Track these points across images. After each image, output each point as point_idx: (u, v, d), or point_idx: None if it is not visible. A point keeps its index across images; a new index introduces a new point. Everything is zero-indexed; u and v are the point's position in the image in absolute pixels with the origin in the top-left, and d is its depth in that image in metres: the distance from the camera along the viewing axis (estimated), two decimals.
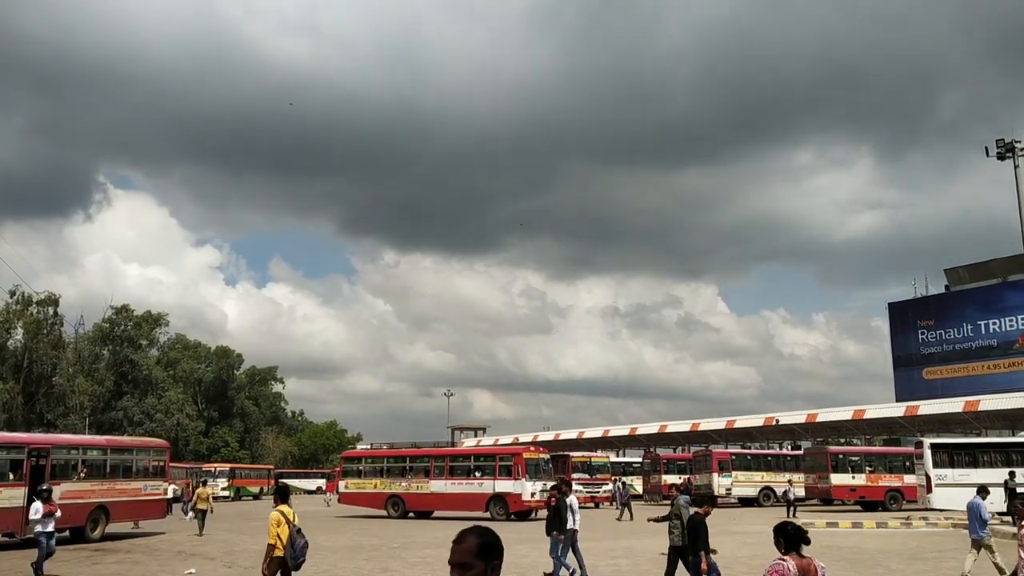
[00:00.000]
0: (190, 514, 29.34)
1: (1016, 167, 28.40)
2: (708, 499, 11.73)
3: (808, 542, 5.43)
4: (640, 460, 55.90)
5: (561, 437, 68.65)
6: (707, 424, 58.48)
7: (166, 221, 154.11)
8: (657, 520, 9.10)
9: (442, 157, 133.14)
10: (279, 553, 9.53)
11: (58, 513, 16.21)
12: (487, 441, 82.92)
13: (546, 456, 34.31)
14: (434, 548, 20.46)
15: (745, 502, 43.74)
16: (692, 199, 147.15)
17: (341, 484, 36.79)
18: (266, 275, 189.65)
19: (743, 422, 56.22)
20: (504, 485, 30.42)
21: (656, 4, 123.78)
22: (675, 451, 61.17)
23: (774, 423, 53.35)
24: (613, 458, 61.84)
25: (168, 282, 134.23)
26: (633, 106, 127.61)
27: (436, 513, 32.89)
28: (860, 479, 38.69)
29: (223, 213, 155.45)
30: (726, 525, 28.98)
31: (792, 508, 34.08)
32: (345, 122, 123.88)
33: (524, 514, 31.01)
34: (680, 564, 11.82)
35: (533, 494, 30.20)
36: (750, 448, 52.83)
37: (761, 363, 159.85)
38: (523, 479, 30.47)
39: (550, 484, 31.09)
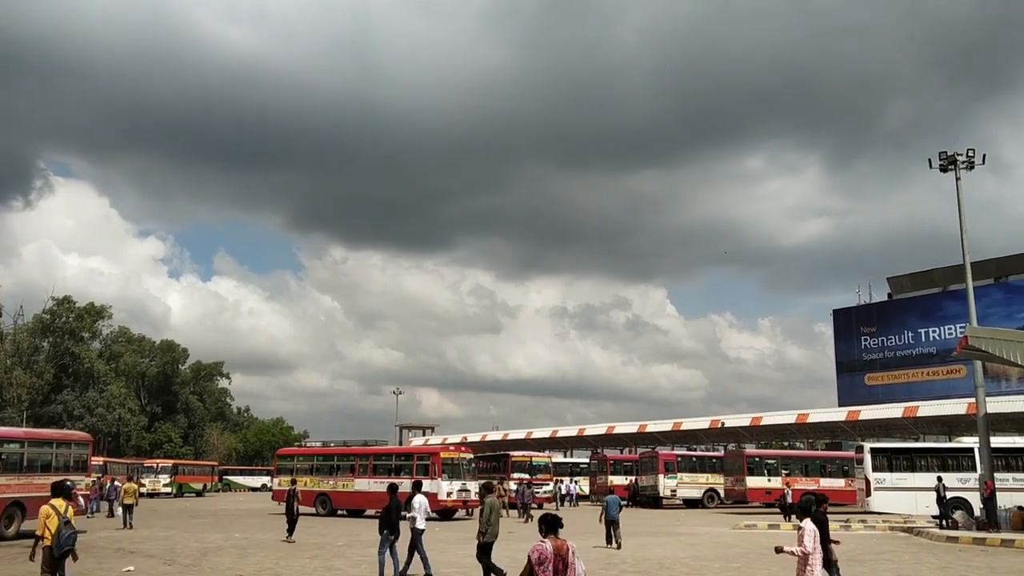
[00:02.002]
0: (115, 509, 29.45)
1: (958, 179, 29.02)
2: (823, 500, 12.61)
3: (562, 526, 6.76)
4: (588, 461, 56.20)
5: (510, 437, 68.64)
6: (654, 426, 58.88)
7: (107, 211, 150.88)
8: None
9: (393, 153, 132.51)
10: (47, 543, 9.95)
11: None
12: (435, 440, 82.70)
13: (468, 456, 34.13)
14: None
15: (690, 503, 44.22)
16: (643, 202, 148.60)
17: (275, 482, 36.64)
18: (211, 269, 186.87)
19: (689, 424, 56.72)
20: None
21: (611, 6, 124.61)
22: (622, 452, 61.59)
23: (720, 426, 53.95)
24: (561, 459, 62.15)
25: (109, 273, 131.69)
26: (586, 107, 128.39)
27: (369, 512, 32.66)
28: (775, 482, 39.24)
29: (167, 204, 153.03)
30: (670, 526, 29.26)
31: (788, 510, 33.71)
32: (295, 115, 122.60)
33: (447, 513, 31.02)
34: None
35: (450, 494, 30.24)
36: (695, 450, 53.38)
37: (708, 366, 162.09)
38: (439, 479, 30.37)
39: (467, 484, 31.28)
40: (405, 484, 30.47)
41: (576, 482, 52.35)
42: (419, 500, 15.21)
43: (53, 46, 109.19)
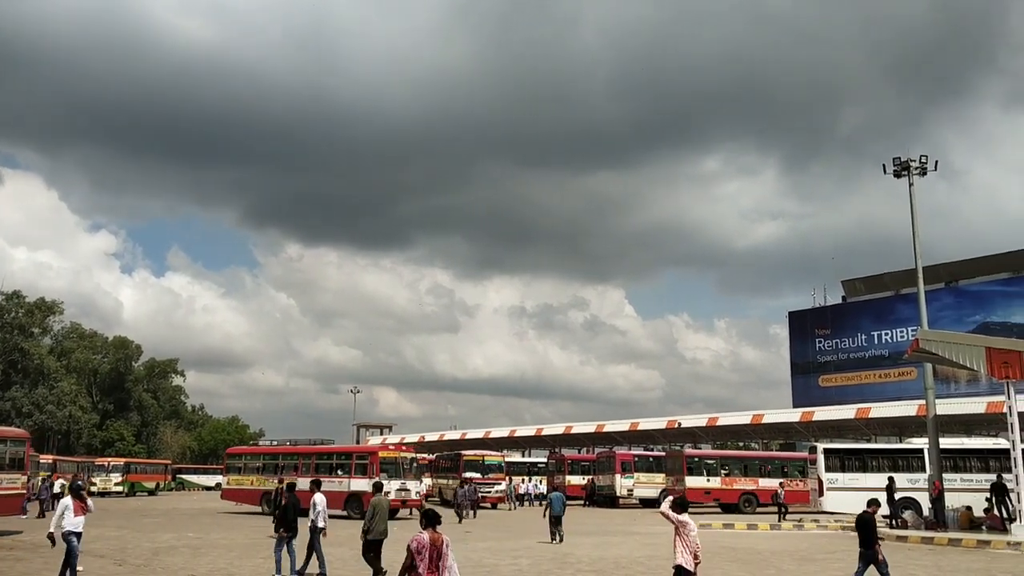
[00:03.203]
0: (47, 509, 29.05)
1: (911, 185, 29.58)
2: (875, 501, 13.64)
3: (440, 522, 7.65)
4: (546, 461, 56.34)
5: (468, 436, 68.67)
6: (612, 426, 59.32)
7: (56, 204, 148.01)
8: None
9: (351, 149, 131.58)
10: None
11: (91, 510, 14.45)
12: (393, 439, 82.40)
13: (410, 455, 33.87)
14: (335, 547, 20.18)
15: (646, 503, 44.48)
16: (602, 202, 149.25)
17: (224, 480, 36.32)
18: (164, 264, 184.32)
19: (646, 424, 57.23)
20: (359, 484, 30.01)
21: (572, 6, 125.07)
22: (580, 452, 61.85)
23: (676, 426, 54.46)
24: (519, 458, 62.26)
25: (59, 267, 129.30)
26: (547, 107, 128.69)
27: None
28: (715, 482, 39.67)
29: (120, 198, 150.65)
30: (626, 526, 29.43)
31: (783, 509, 33.82)
32: (251, 109, 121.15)
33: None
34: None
35: (387, 493, 30.02)
36: (652, 450, 53.79)
37: (665, 366, 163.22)
38: (376, 478, 30.30)
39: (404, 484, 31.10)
40: (343, 483, 30.94)
41: (535, 482, 52.51)
42: (319, 499, 15.49)
43: (1, 35, 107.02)
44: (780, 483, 35.42)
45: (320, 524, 15.06)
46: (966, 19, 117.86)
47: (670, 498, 10.35)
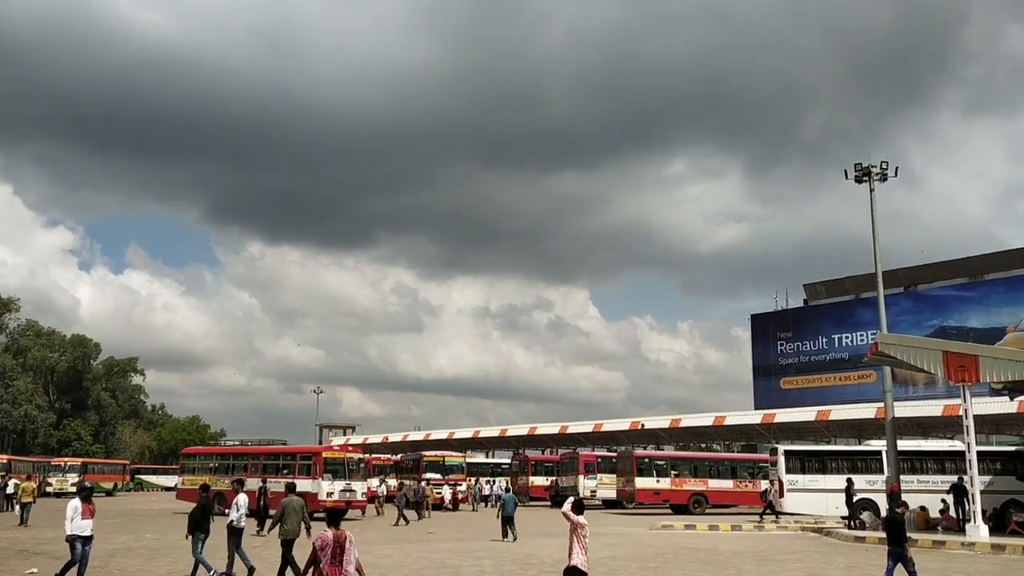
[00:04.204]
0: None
1: (872, 191, 29.99)
2: (903, 504, 14.39)
3: (342, 520, 8.41)
4: (509, 461, 56.33)
5: (432, 437, 68.44)
6: (575, 427, 59.43)
7: (10, 199, 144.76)
8: None
9: (314, 147, 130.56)
10: None
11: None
12: (356, 440, 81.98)
13: (357, 456, 33.66)
14: (294, 548, 20.01)
15: (609, 504, 44.64)
16: (567, 203, 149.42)
17: (179, 480, 36.25)
18: (123, 261, 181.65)
19: (610, 426, 57.41)
20: (303, 484, 29.93)
21: (539, 6, 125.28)
22: (544, 453, 61.91)
23: (640, 427, 54.71)
24: (483, 459, 62.19)
25: (13, 264, 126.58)
26: (513, 106, 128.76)
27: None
28: (665, 483, 39.89)
29: (77, 193, 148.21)
30: (589, 527, 29.50)
31: (769, 507, 33.47)
32: (213, 104, 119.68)
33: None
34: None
35: (330, 494, 29.82)
36: (616, 451, 54.00)
37: (628, 368, 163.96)
38: (320, 479, 30.18)
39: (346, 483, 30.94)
40: (304, 485, 30.64)
41: (499, 483, 52.41)
42: (240, 499, 15.60)
43: None
44: (769, 482, 34.92)
45: (241, 524, 15.13)
46: (927, 27, 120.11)
47: (571, 499, 10.53)
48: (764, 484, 36.47)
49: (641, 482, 39.36)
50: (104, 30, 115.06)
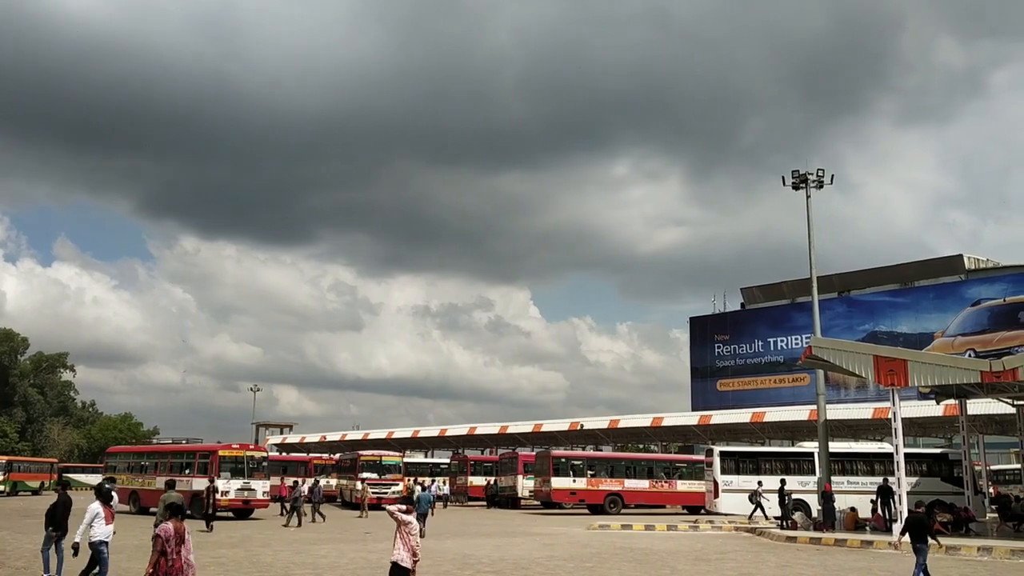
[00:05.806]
0: None
1: (808, 197, 30.61)
2: (922, 504, 15.34)
3: (183, 512, 8.71)
4: (449, 461, 56.18)
5: (370, 437, 67.98)
6: (515, 427, 59.57)
7: None
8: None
9: (254, 140, 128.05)
10: None
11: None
12: (293, 439, 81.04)
13: (259, 455, 33.60)
14: (229, 548, 19.69)
15: (547, 504, 44.77)
16: (509, 203, 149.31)
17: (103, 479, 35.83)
18: (51, 254, 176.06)
19: (549, 426, 57.65)
20: (200, 483, 29.64)
21: (484, 5, 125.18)
22: (483, 453, 61.89)
23: (579, 428, 55.03)
24: (422, 459, 61.89)
25: None
26: (457, 104, 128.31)
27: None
28: (581, 483, 40.20)
29: (2, 184, 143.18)
30: (527, 527, 29.56)
31: (759, 507, 33.80)
32: (148, 94, 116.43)
33: (243, 512, 31.22)
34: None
35: (226, 492, 29.69)
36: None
37: (568, 368, 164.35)
38: (216, 477, 30.00)
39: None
40: (200, 483, 30.41)
41: (439, 482, 52.19)
42: (93, 507, 15.12)
43: None
44: (758, 482, 34.54)
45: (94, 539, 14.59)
46: (862, 36, 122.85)
47: (398, 500, 11.00)
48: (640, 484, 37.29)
49: (557, 482, 39.53)
50: (35, 13, 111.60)
